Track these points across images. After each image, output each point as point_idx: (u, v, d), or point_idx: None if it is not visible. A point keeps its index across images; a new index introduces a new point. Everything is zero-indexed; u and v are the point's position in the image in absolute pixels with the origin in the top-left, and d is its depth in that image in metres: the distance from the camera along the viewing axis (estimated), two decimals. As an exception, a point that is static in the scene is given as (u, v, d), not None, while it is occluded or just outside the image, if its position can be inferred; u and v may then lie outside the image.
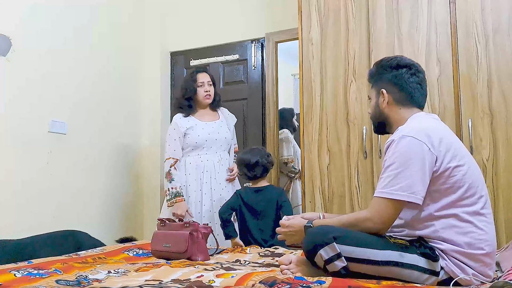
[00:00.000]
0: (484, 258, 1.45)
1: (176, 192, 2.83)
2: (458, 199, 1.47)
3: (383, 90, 1.68)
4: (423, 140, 1.48)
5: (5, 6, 2.88)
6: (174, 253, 2.06)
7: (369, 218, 1.50)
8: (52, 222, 3.08)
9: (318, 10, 2.94)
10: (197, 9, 4.05)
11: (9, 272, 1.54)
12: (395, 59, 1.70)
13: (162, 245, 2.11)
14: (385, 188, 1.48)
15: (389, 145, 1.55)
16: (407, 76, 1.66)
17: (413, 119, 1.62)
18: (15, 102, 2.91)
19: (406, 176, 1.46)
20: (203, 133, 2.96)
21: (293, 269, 1.53)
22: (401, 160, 1.48)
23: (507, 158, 2.42)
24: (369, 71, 1.79)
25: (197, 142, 2.95)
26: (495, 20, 2.51)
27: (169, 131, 3.00)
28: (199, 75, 3.02)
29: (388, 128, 1.73)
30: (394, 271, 1.43)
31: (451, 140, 1.55)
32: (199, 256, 2.05)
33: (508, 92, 2.45)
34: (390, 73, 1.68)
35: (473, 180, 1.49)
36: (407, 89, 1.66)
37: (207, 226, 2.18)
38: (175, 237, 2.10)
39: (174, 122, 2.99)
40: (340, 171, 2.79)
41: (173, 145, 2.95)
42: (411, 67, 1.67)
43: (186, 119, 2.99)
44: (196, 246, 2.06)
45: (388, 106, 1.68)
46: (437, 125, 1.60)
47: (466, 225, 1.46)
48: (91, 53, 3.50)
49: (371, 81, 1.77)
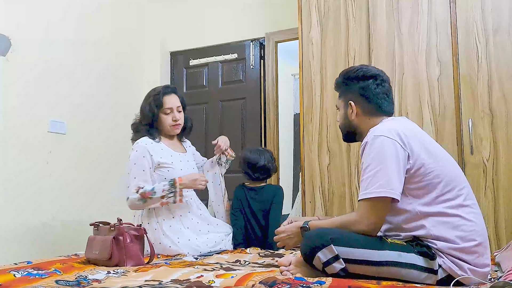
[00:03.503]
0: (478, 249, 1.46)
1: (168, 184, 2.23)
2: (439, 195, 1.49)
3: (351, 102, 1.70)
4: (394, 139, 1.51)
5: (5, 6, 2.88)
6: (101, 260, 1.85)
7: (359, 221, 1.51)
8: (51, 222, 3.08)
9: (318, 10, 2.94)
10: (197, 9, 4.05)
11: (8, 273, 1.54)
12: (361, 70, 1.71)
13: (92, 251, 1.90)
14: (367, 189, 1.51)
15: (364, 147, 1.58)
16: (373, 87, 1.68)
17: (383, 122, 1.65)
18: (14, 102, 2.91)
19: (383, 174, 1.48)
20: (184, 169, 2.39)
21: (293, 270, 1.53)
22: (377, 160, 1.51)
23: (507, 158, 2.42)
24: (336, 81, 1.79)
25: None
26: (495, 20, 2.51)
27: (134, 160, 2.27)
28: (166, 98, 2.39)
29: (357, 137, 1.76)
30: (392, 271, 1.44)
31: (422, 137, 1.58)
32: (127, 262, 1.84)
33: (508, 92, 2.45)
34: (357, 85, 1.70)
35: (449, 174, 1.51)
36: (375, 100, 1.68)
37: (138, 228, 1.94)
38: (101, 242, 1.88)
39: (144, 147, 2.28)
40: (340, 171, 2.79)
41: (140, 177, 2.24)
42: (376, 78, 1.69)
43: (158, 145, 2.36)
44: (124, 252, 1.85)
45: (356, 117, 1.71)
46: (407, 124, 1.63)
47: (454, 219, 1.47)
48: (91, 53, 3.49)
49: (338, 91, 1.79)
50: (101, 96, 3.57)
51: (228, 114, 3.85)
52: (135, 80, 3.96)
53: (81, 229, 2.88)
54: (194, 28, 4.05)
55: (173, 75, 4.14)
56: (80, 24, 3.41)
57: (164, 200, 2.20)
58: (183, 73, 4.09)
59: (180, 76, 4.10)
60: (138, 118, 2.46)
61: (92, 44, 3.50)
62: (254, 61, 3.79)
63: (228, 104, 3.87)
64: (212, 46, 3.97)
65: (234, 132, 3.80)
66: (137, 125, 2.44)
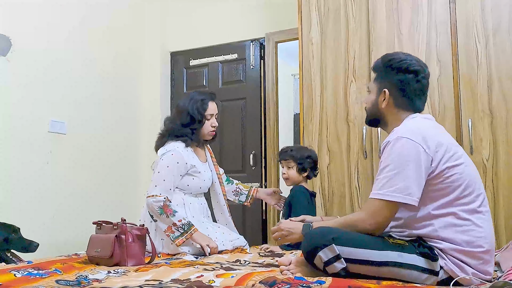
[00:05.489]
0: (483, 256, 1.45)
1: (187, 222, 2.21)
2: (456, 198, 1.48)
3: (386, 90, 1.66)
4: (418, 142, 1.48)
5: (5, 6, 2.88)
6: (102, 258, 1.85)
7: (365, 219, 1.50)
8: (51, 222, 3.08)
9: (318, 10, 2.94)
10: (197, 9, 4.05)
11: (9, 272, 1.54)
12: (405, 62, 1.64)
13: (94, 250, 1.89)
14: (381, 190, 1.49)
15: (385, 146, 1.55)
16: (412, 82, 1.63)
17: (409, 120, 1.62)
18: (15, 102, 2.91)
19: (402, 178, 1.46)
20: (207, 179, 2.45)
21: (293, 270, 1.53)
22: (397, 162, 1.48)
23: (507, 158, 2.42)
24: (376, 63, 1.72)
25: (201, 187, 2.44)
26: (495, 20, 2.51)
27: (167, 162, 2.29)
28: (211, 104, 2.44)
29: (381, 124, 1.73)
30: (393, 272, 1.43)
31: (447, 140, 1.55)
32: (128, 261, 1.84)
33: (508, 92, 2.45)
34: (397, 76, 1.64)
35: (470, 179, 1.50)
36: (410, 95, 1.64)
37: (141, 228, 1.95)
38: (103, 241, 1.88)
39: (179, 153, 2.31)
40: (340, 171, 2.79)
41: (169, 182, 2.27)
42: (418, 73, 1.64)
43: (190, 153, 2.39)
44: (125, 251, 1.85)
45: (387, 106, 1.67)
46: (433, 126, 1.61)
47: (465, 223, 1.46)
48: (91, 53, 3.50)
49: (375, 73, 1.73)
50: (101, 96, 3.57)
51: (228, 114, 3.85)
52: (135, 80, 3.97)
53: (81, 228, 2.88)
54: (194, 28, 4.05)
55: (173, 75, 4.14)
56: (80, 25, 3.41)
57: (173, 228, 2.19)
58: (183, 73, 4.09)
59: (180, 76, 4.10)
60: (173, 121, 2.43)
61: (92, 44, 3.50)
62: (254, 61, 3.79)
63: (228, 104, 3.87)
64: (212, 46, 3.97)
65: (234, 132, 3.81)
66: (175, 128, 2.39)
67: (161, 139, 2.42)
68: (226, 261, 1.98)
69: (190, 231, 2.18)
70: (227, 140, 3.83)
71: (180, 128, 2.38)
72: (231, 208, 2.62)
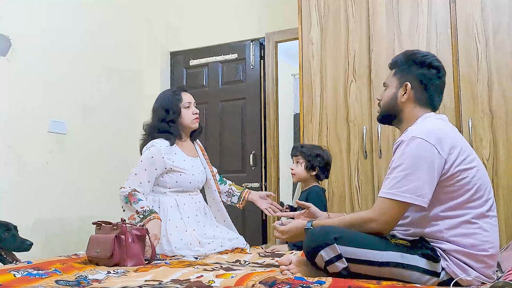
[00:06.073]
0: (487, 260, 1.45)
1: (149, 209, 2.18)
2: (466, 201, 1.46)
3: (408, 83, 1.63)
4: (433, 143, 1.46)
5: (5, 6, 2.88)
6: (102, 259, 1.85)
7: (373, 218, 1.49)
8: (51, 222, 3.08)
9: (318, 10, 2.94)
10: (197, 9, 4.05)
11: (8, 272, 1.54)
12: (429, 57, 1.64)
13: (94, 250, 1.90)
14: (391, 189, 1.47)
15: (398, 145, 1.53)
16: (435, 78, 1.63)
17: (424, 119, 1.60)
18: (14, 102, 2.91)
19: (414, 179, 1.45)
20: (196, 174, 2.41)
21: (293, 270, 1.53)
22: (410, 162, 1.46)
23: (507, 158, 2.42)
24: (396, 58, 1.70)
25: (191, 183, 2.39)
26: (495, 20, 2.51)
27: (142, 157, 2.30)
28: (184, 94, 2.43)
29: (395, 122, 1.70)
30: (394, 272, 1.43)
31: (461, 143, 1.53)
32: (128, 262, 1.84)
33: (508, 92, 2.45)
34: (420, 70, 1.63)
35: (481, 183, 1.48)
36: (431, 91, 1.63)
37: (141, 228, 1.95)
38: (103, 241, 1.88)
39: (158, 149, 2.28)
40: (340, 171, 2.79)
41: (140, 175, 2.26)
42: (440, 70, 1.64)
43: (172, 149, 2.35)
44: (125, 251, 1.85)
45: (406, 101, 1.64)
46: (447, 127, 1.58)
47: (471, 226, 1.45)
48: (91, 53, 3.49)
49: (395, 69, 1.70)
50: (101, 96, 3.57)
51: (228, 114, 3.86)
52: (135, 80, 3.97)
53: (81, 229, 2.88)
54: (194, 28, 4.05)
55: (173, 75, 4.14)
56: (80, 25, 3.41)
57: (134, 216, 2.18)
58: (183, 73, 4.09)
59: (180, 76, 4.10)
60: (151, 121, 2.43)
61: (92, 44, 3.50)
62: (254, 61, 3.79)
63: (228, 104, 3.87)
64: (212, 46, 3.97)
65: (234, 132, 3.81)
66: (152, 127, 2.39)
67: (145, 140, 2.41)
68: (225, 261, 1.98)
69: (149, 217, 2.15)
70: (227, 140, 3.83)
71: (158, 124, 2.38)
72: (231, 208, 2.62)
